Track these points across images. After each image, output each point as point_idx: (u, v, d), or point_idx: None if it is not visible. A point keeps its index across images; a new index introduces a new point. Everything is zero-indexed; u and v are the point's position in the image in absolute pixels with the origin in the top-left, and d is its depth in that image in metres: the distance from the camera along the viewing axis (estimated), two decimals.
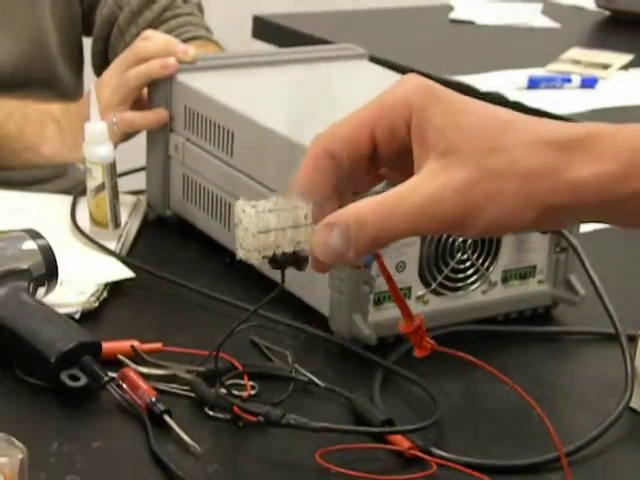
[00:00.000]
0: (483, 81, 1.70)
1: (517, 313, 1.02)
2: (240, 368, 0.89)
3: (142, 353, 0.90)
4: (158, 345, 0.92)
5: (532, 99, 1.64)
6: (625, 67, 1.83)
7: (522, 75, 1.72)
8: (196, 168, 1.11)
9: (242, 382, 0.88)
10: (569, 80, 1.73)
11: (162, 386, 0.87)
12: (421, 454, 0.81)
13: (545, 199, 0.53)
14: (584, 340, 1.01)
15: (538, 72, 1.76)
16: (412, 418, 0.85)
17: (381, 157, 0.58)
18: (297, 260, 0.58)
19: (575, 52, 1.87)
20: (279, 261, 0.55)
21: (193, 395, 0.86)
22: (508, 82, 1.70)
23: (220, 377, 0.86)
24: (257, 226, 0.55)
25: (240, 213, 0.56)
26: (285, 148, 0.99)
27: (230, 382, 0.87)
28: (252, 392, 0.87)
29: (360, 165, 0.58)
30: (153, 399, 0.84)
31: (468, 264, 0.99)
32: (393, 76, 1.16)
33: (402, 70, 1.18)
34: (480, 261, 0.99)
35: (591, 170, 0.52)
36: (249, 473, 0.80)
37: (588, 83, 1.73)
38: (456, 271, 0.98)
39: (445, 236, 0.97)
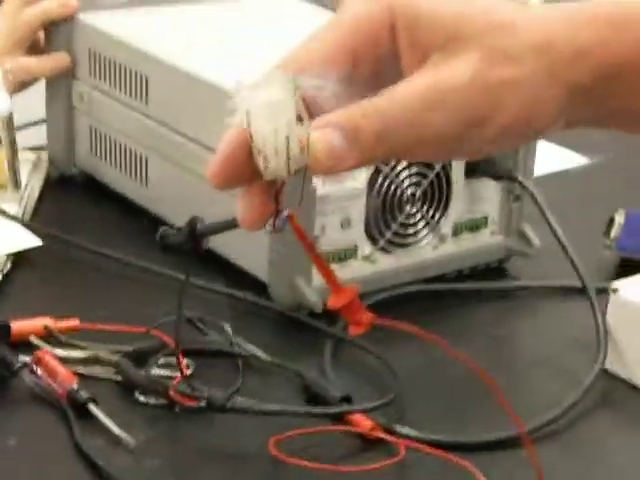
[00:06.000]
0: None
1: (470, 269, 0.95)
2: (172, 345, 0.79)
3: (57, 333, 0.82)
4: (74, 322, 0.85)
5: None
6: None
7: None
8: (105, 119, 1.04)
9: (175, 361, 0.78)
10: None
11: (83, 370, 0.80)
12: (385, 436, 0.72)
13: (568, 76, 0.45)
14: (544, 295, 0.94)
15: None
16: (369, 391, 0.79)
17: (358, 76, 0.49)
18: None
19: None
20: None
21: (120, 379, 0.79)
22: None
23: (150, 356, 0.78)
24: (291, 91, 0.45)
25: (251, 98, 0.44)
26: (207, 93, 0.91)
27: (162, 362, 0.79)
28: (188, 372, 0.79)
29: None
30: (75, 386, 0.77)
31: (418, 217, 0.91)
32: (322, 11, 1.07)
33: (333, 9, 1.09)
34: (430, 214, 0.91)
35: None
36: (192, 467, 0.72)
37: None
38: (405, 226, 0.90)
39: (393, 188, 0.89)
